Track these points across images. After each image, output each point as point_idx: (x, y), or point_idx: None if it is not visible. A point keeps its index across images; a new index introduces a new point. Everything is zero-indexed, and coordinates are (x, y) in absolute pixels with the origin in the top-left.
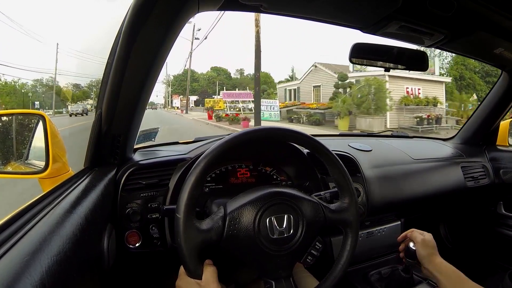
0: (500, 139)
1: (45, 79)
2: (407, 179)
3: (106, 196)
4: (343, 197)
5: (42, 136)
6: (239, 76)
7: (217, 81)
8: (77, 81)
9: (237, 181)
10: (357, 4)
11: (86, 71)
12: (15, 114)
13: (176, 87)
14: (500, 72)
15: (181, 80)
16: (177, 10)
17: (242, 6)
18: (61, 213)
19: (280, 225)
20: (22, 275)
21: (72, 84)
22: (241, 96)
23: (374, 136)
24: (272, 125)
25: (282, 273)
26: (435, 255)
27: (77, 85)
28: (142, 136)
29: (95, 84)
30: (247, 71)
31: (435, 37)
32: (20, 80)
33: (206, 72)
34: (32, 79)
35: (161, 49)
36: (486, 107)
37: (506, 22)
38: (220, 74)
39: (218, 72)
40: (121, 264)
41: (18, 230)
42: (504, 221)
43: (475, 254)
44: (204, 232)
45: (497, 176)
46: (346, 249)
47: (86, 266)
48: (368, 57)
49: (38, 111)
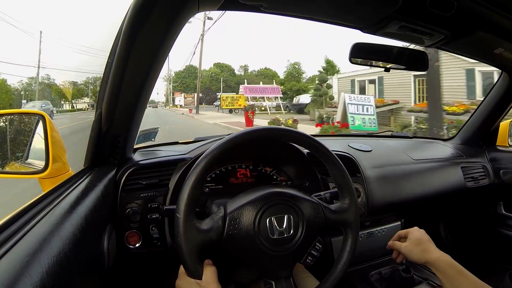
0: (500, 139)
1: (40, 76)
2: (407, 180)
3: (106, 196)
4: (343, 197)
5: (42, 136)
6: (243, 73)
7: (221, 77)
8: (75, 78)
9: (237, 181)
10: (357, 4)
11: (84, 67)
12: (15, 114)
13: (178, 84)
14: (500, 73)
15: (183, 77)
16: (177, 10)
17: (242, 6)
18: (61, 213)
19: (280, 226)
20: (22, 276)
21: (69, 82)
22: (266, 92)
23: (374, 136)
24: (272, 126)
25: (282, 273)
26: (429, 251)
27: (74, 83)
28: (142, 136)
29: (92, 81)
30: (251, 67)
31: (435, 37)
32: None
33: (209, 68)
34: (28, 76)
35: (161, 49)
36: (486, 107)
37: (506, 22)
38: (223, 70)
39: (221, 68)
40: (121, 264)
41: (18, 230)
42: (504, 221)
43: (475, 254)
44: (204, 232)
45: (497, 176)
46: (346, 250)
47: (86, 266)
48: (368, 57)
49: (38, 111)
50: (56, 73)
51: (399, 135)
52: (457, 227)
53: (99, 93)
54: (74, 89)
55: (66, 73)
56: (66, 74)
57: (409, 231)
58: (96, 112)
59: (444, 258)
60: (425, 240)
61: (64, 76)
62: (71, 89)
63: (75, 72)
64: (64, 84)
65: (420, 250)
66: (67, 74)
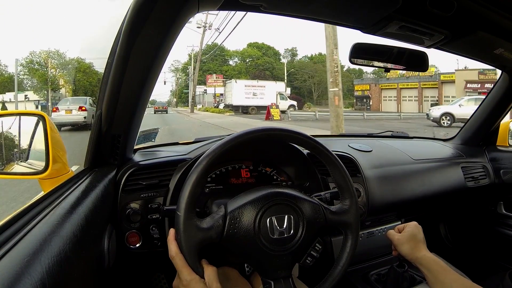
0: (500, 139)
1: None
2: (407, 179)
3: (106, 197)
4: (343, 199)
5: (42, 136)
6: (289, 59)
7: (261, 62)
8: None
9: (238, 181)
10: (357, 4)
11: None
12: (15, 114)
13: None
14: (500, 73)
15: (203, 62)
16: (177, 10)
17: (242, 6)
18: (62, 213)
19: (281, 226)
20: (23, 276)
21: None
22: None
23: (374, 136)
24: (272, 125)
25: (281, 273)
26: (418, 249)
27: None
28: (142, 136)
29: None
30: (301, 52)
31: (435, 37)
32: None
33: (243, 49)
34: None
35: (161, 49)
36: (486, 107)
37: (506, 22)
38: (267, 53)
39: (263, 50)
40: (121, 264)
41: (19, 231)
42: (504, 221)
43: (475, 253)
44: (204, 231)
45: (497, 176)
46: (345, 251)
47: (87, 267)
48: (368, 57)
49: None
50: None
51: (399, 135)
52: (457, 227)
53: (99, 93)
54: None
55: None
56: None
57: (407, 225)
58: (96, 112)
59: (430, 255)
60: (419, 238)
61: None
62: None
63: None
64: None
65: (410, 246)
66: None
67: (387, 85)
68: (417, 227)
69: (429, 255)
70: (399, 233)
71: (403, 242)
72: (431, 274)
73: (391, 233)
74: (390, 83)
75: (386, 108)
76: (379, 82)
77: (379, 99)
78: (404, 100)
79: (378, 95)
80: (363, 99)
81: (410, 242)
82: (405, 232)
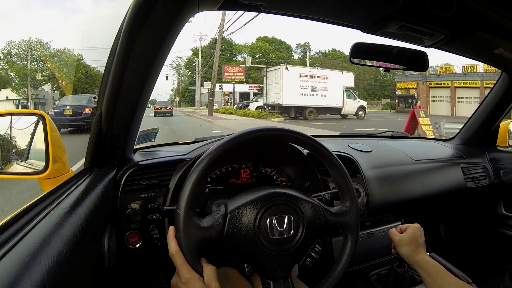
0: (500, 139)
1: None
2: (407, 180)
3: (106, 197)
4: (344, 200)
5: (42, 136)
6: (301, 55)
7: (273, 56)
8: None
9: (238, 181)
10: (357, 4)
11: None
12: (14, 114)
13: (203, 66)
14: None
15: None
16: (177, 10)
17: (242, 6)
18: (62, 214)
19: (281, 226)
20: (23, 276)
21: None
22: None
23: (374, 136)
24: (272, 126)
25: (280, 273)
26: (418, 251)
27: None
28: (142, 136)
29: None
30: (315, 47)
31: (435, 37)
32: None
33: (252, 43)
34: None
35: (161, 49)
36: (486, 107)
37: (506, 22)
38: (279, 48)
39: (274, 44)
40: (121, 265)
41: (19, 231)
42: (504, 221)
43: (476, 254)
44: (204, 230)
45: (497, 176)
46: (345, 252)
47: (87, 267)
48: (368, 57)
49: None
50: None
51: (399, 135)
52: (458, 227)
53: (99, 93)
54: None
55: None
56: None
57: (410, 226)
58: (96, 112)
59: (428, 258)
60: (420, 241)
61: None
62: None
63: None
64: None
65: (410, 249)
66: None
67: (437, 83)
68: (420, 229)
69: (428, 258)
70: (401, 233)
71: (404, 243)
72: (429, 277)
73: (392, 232)
74: (441, 81)
75: (435, 111)
76: (427, 80)
77: (426, 99)
78: (460, 102)
79: (426, 95)
80: (407, 99)
81: (410, 245)
82: (407, 233)
